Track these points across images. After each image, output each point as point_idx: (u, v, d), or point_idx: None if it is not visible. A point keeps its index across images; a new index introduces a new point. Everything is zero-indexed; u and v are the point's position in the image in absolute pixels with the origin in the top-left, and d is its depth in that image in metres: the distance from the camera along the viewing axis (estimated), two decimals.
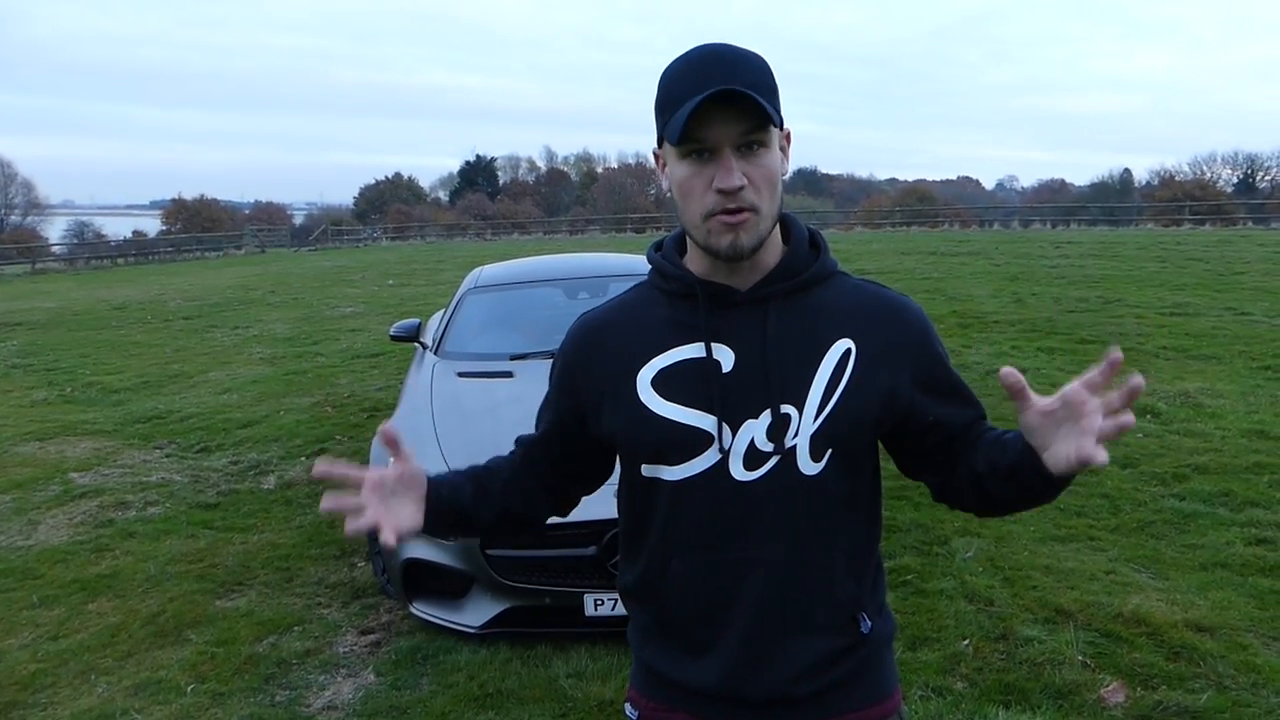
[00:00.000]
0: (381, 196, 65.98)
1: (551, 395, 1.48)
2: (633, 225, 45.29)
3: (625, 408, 1.34)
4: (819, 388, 1.29)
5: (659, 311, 1.38)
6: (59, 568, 4.68)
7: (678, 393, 1.32)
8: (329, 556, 4.67)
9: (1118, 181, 60.37)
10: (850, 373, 1.30)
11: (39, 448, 7.06)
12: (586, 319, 1.46)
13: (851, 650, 1.36)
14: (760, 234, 1.26)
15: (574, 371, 1.42)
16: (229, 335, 13.08)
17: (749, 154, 1.22)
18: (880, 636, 1.40)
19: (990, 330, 10.70)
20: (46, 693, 3.52)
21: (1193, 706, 3.07)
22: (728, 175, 1.21)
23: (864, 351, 1.31)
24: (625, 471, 1.42)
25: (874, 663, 1.39)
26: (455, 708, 3.29)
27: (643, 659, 1.45)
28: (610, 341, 1.39)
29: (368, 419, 7.42)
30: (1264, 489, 5.06)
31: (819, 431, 1.28)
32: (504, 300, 5.78)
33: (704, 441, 1.30)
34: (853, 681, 1.37)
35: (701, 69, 1.22)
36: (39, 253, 35.61)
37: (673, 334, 1.34)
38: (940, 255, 22.18)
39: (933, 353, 1.37)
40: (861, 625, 1.36)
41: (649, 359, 1.34)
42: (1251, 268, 16.50)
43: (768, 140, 1.23)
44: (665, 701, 1.42)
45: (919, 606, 3.82)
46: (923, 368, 1.35)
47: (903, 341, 1.34)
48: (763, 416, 1.29)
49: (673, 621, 1.39)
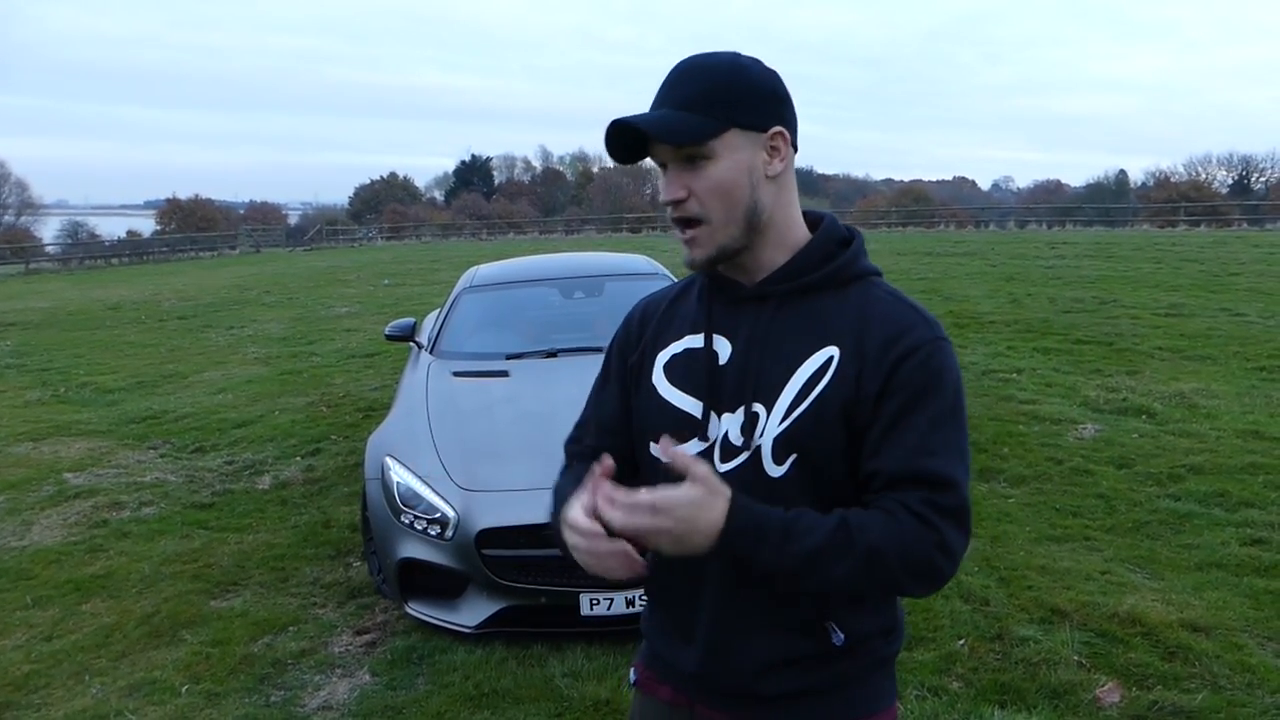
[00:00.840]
0: (377, 196, 65.92)
1: (611, 370, 1.52)
2: (628, 225, 45.30)
3: (643, 388, 1.43)
4: (791, 391, 1.28)
5: (689, 302, 1.45)
6: (53, 568, 4.67)
7: (679, 378, 1.39)
8: (324, 556, 4.66)
9: (1113, 182, 60.46)
10: (826, 381, 1.27)
11: (33, 448, 7.04)
12: (643, 301, 1.55)
13: (822, 660, 1.32)
14: (717, 245, 1.30)
15: (623, 345, 1.51)
16: (224, 335, 13.05)
17: (690, 167, 1.28)
18: (865, 653, 1.35)
19: (986, 330, 10.72)
20: (40, 693, 3.50)
21: (1188, 706, 3.08)
22: (665, 189, 1.31)
23: (845, 362, 1.27)
24: (638, 452, 1.46)
25: (857, 679, 1.35)
26: (451, 707, 3.28)
27: (644, 630, 1.53)
28: (649, 323, 1.48)
29: (363, 419, 7.41)
30: (1259, 489, 5.07)
31: (782, 435, 1.27)
32: (499, 300, 5.77)
33: (693, 427, 1.35)
34: (831, 693, 1.34)
35: (660, 88, 1.30)
36: (33, 253, 35.52)
37: (689, 323, 1.41)
38: (936, 256, 22.22)
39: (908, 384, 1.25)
40: (832, 636, 1.31)
41: (668, 344, 1.42)
42: (1246, 269, 16.55)
43: (709, 153, 1.26)
44: (656, 673, 1.49)
45: (914, 606, 3.82)
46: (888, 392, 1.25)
47: (880, 357, 1.25)
48: (739, 412, 1.31)
49: (663, 601, 1.46)
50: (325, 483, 5.85)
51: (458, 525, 3.64)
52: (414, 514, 3.75)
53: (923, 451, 1.23)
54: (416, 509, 3.76)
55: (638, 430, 1.44)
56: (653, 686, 1.49)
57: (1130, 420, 6.58)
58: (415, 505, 3.77)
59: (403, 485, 3.85)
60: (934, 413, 1.24)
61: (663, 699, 1.47)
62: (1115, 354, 9.07)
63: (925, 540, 1.20)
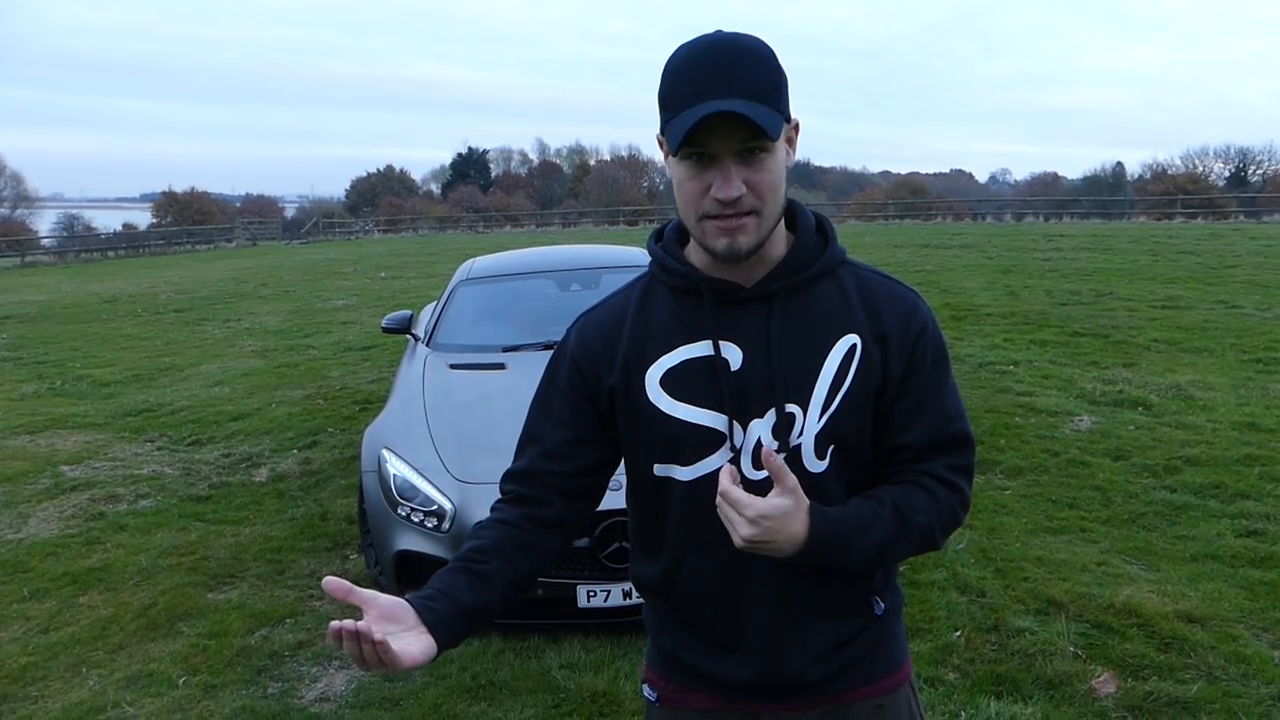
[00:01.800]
0: (373, 189, 65.69)
1: (558, 398, 1.40)
2: (625, 218, 45.20)
3: (635, 408, 1.34)
4: (824, 386, 1.29)
5: (664, 308, 1.36)
6: (50, 561, 4.67)
7: (687, 392, 1.31)
8: (321, 549, 4.66)
9: (1110, 175, 60.36)
10: (855, 370, 1.30)
11: (29, 441, 7.03)
12: (590, 317, 1.43)
13: (864, 631, 1.39)
14: (761, 235, 1.25)
15: (583, 368, 1.38)
16: (220, 328, 13.03)
17: (750, 159, 1.20)
18: (890, 611, 1.42)
19: (983, 323, 10.72)
20: (37, 686, 3.50)
21: (1183, 697, 3.09)
22: (726, 185, 1.19)
23: (868, 348, 1.30)
24: (634, 470, 1.40)
25: (885, 637, 1.42)
26: (448, 699, 3.29)
27: (661, 644, 1.46)
28: (617, 339, 1.37)
29: (360, 411, 7.40)
30: (1255, 481, 5.08)
31: (823, 430, 1.29)
32: (496, 292, 5.77)
33: (716, 441, 1.30)
34: (865, 659, 1.40)
35: (703, 72, 1.19)
36: (28, 245, 35.30)
37: (680, 332, 1.33)
38: (933, 248, 22.22)
39: (925, 359, 1.33)
40: (875, 608, 1.39)
41: (656, 358, 1.33)
42: (1243, 261, 16.55)
43: (770, 146, 1.20)
44: (686, 683, 1.44)
45: (911, 598, 3.82)
46: (912, 370, 1.33)
47: (902, 338, 1.32)
48: (768, 416, 1.29)
49: (693, 616, 1.40)
50: (322, 475, 5.85)
51: (454, 517, 3.64)
52: (411, 506, 3.75)
53: (947, 418, 1.34)
54: (413, 501, 3.76)
55: (636, 452, 1.38)
56: (681, 698, 1.44)
57: (1126, 412, 6.59)
58: (412, 498, 3.77)
59: (399, 478, 3.85)
60: (948, 379, 1.36)
61: (698, 708, 1.43)
62: (1112, 346, 9.08)
63: (954, 503, 1.34)
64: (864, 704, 1.40)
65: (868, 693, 1.40)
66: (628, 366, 1.34)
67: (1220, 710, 3.02)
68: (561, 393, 1.40)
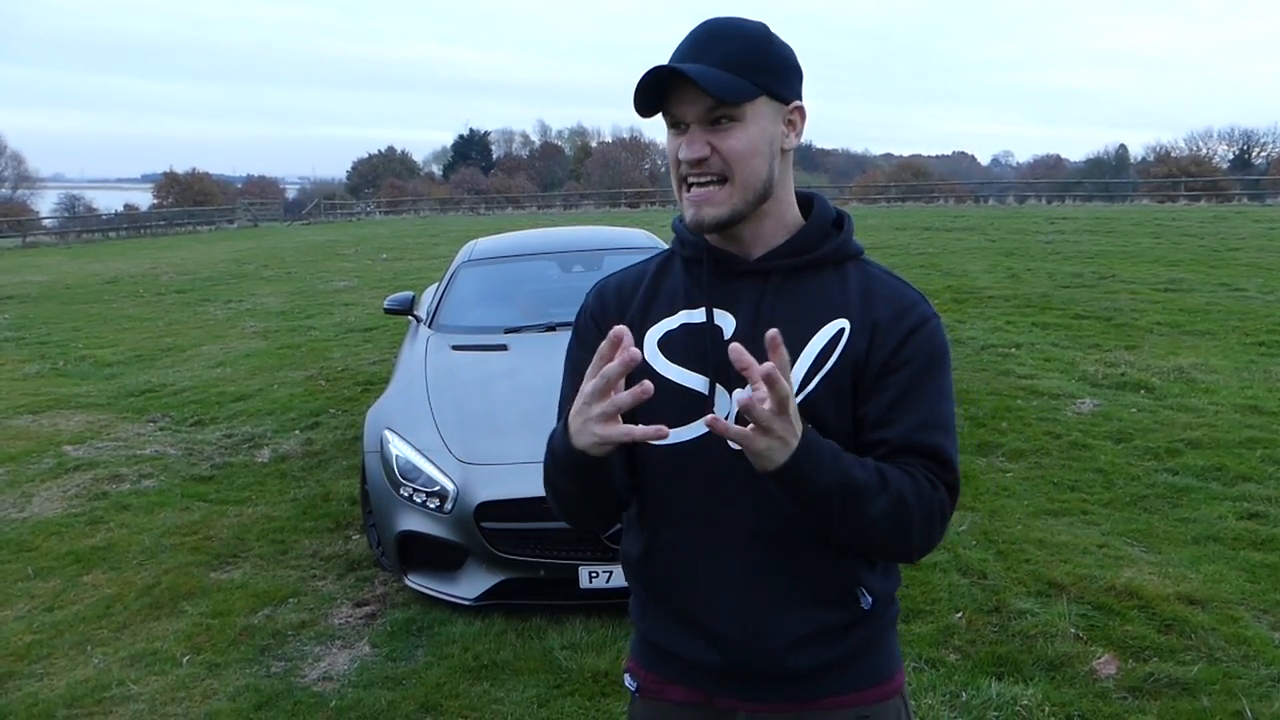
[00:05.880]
0: (375, 170, 65.58)
1: (583, 356, 1.37)
2: (627, 200, 45.09)
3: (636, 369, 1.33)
4: (804, 364, 1.29)
5: (676, 276, 1.40)
6: (53, 540, 4.68)
7: (679, 355, 1.34)
8: (323, 529, 4.68)
9: (1113, 157, 60.21)
10: (839, 352, 1.29)
11: (32, 421, 7.04)
12: (609, 280, 1.49)
13: (851, 627, 1.34)
14: (734, 208, 1.27)
15: (599, 322, 1.42)
16: (222, 309, 13.02)
17: (717, 128, 1.25)
18: (883, 617, 1.39)
19: (985, 305, 10.70)
20: (42, 664, 3.52)
21: (1184, 678, 3.10)
22: (689, 146, 1.25)
23: (856, 334, 1.30)
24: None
25: (875, 643, 1.38)
26: (450, 679, 3.30)
27: (641, 630, 1.46)
28: (629, 302, 1.42)
29: (361, 392, 7.41)
30: (1256, 464, 5.09)
31: (799, 405, 1.26)
32: (498, 273, 5.76)
33: (699, 405, 1.30)
34: (852, 661, 1.36)
35: (686, 44, 1.26)
36: (30, 226, 35.23)
37: (682, 298, 1.37)
38: (935, 231, 22.15)
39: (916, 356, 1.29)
40: (861, 601, 1.34)
41: (658, 320, 1.37)
42: (1246, 244, 16.50)
43: (739, 115, 1.24)
44: (662, 674, 1.42)
45: (912, 580, 3.83)
46: (899, 363, 1.28)
47: (893, 328, 1.29)
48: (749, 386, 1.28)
49: (666, 592, 1.39)
50: (324, 456, 5.86)
51: (456, 498, 3.65)
52: (413, 487, 3.76)
53: (930, 425, 1.28)
54: (415, 482, 3.76)
55: (632, 415, 1.33)
56: (659, 688, 1.43)
57: (1128, 395, 6.59)
58: (414, 478, 3.77)
59: (402, 458, 3.85)
60: (941, 385, 1.31)
61: (674, 700, 1.42)
62: (1114, 329, 9.06)
63: (935, 500, 1.27)
64: (847, 713, 1.36)
65: (850, 701, 1.36)
66: (632, 327, 1.34)
67: (1220, 691, 3.03)
68: (587, 349, 1.38)
